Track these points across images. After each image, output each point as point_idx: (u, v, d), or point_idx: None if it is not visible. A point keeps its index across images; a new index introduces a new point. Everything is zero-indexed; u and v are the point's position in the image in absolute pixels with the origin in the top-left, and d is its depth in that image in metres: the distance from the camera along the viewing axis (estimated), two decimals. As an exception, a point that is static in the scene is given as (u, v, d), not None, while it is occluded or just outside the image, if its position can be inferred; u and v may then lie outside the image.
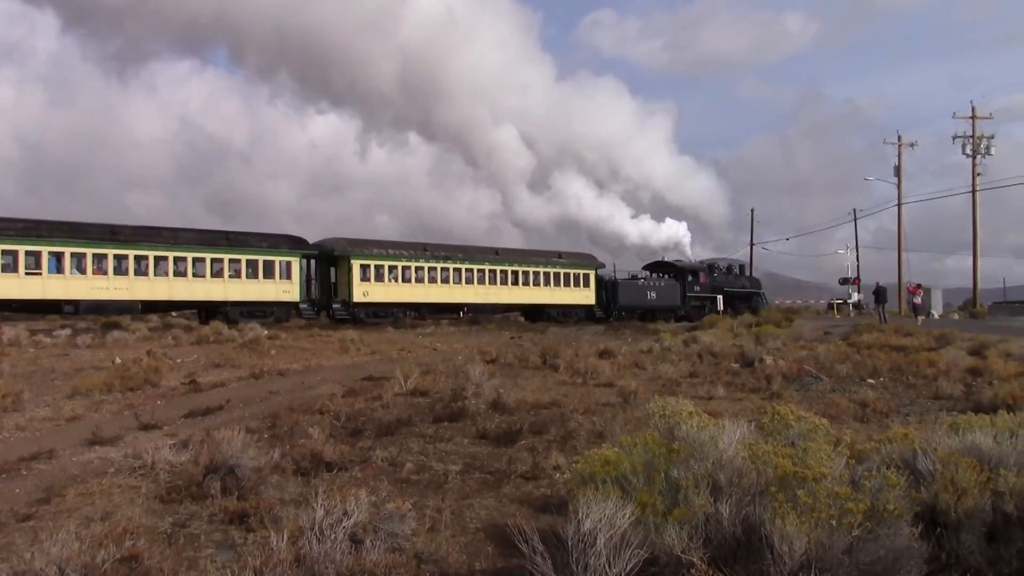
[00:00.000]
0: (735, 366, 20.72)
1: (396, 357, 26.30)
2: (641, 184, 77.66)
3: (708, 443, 6.56)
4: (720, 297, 60.17)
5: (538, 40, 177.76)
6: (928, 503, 6.04)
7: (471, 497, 8.54)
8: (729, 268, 65.15)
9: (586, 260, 56.70)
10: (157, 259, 39.21)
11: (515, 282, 51.81)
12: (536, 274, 52.77)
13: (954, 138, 60.62)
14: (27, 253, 35.54)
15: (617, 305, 54.91)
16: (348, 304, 44.84)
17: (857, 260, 73.89)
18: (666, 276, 59.11)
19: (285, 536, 5.96)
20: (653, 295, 56.59)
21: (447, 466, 9.84)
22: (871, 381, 17.66)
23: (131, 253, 38.34)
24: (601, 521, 5.40)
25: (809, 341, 28.57)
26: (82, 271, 36.95)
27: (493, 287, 50.61)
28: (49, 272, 36.05)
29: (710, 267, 62.42)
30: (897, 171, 65.19)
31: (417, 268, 47.51)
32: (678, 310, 56.57)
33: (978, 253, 59.81)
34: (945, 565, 5.84)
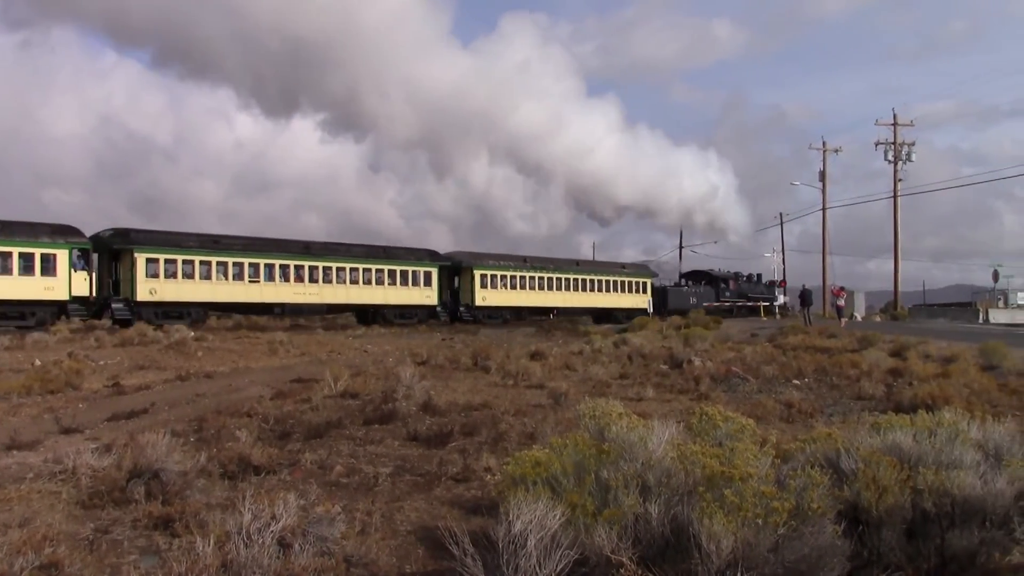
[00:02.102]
0: (664, 367, 20.94)
1: (326, 359, 26.07)
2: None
3: (637, 444, 6.61)
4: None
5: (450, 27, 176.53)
6: (851, 501, 6.17)
7: (401, 499, 8.50)
8: (749, 277, 74.60)
9: (644, 271, 67.15)
10: (338, 269, 47.58)
11: (591, 289, 60.84)
12: (606, 282, 62.11)
13: (876, 144, 62.28)
14: (250, 265, 43.79)
15: (667, 308, 62.30)
16: (471, 307, 53.46)
17: (783, 263, 75.73)
18: (703, 283, 69.64)
19: (211, 541, 5.85)
20: (694, 299, 65.75)
21: (377, 468, 9.78)
22: (796, 382, 18.00)
23: (320, 264, 46.73)
24: (532, 522, 5.41)
25: (736, 343, 29.01)
26: (287, 279, 45.32)
27: (575, 293, 59.69)
28: (265, 280, 44.47)
29: (736, 275, 72.37)
30: (822, 176, 66.75)
31: (520, 277, 56.49)
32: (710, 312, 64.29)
33: (899, 257, 61.49)
34: (867, 562, 5.97)
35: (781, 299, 70.61)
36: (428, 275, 51.88)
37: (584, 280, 60.61)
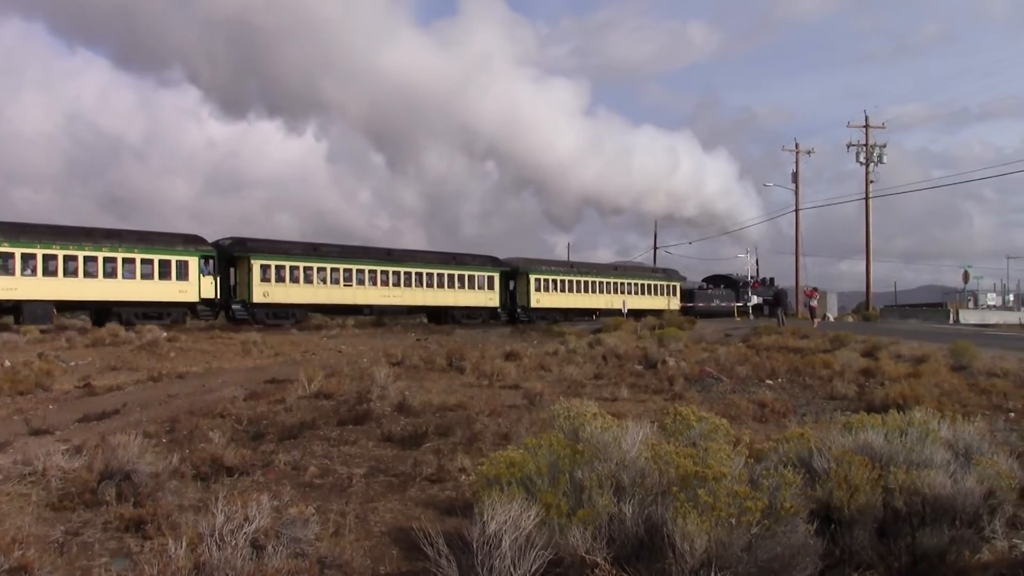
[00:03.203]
0: (639, 368, 21.00)
1: (300, 359, 25.95)
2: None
3: (612, 444, 6.63)
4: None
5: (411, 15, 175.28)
6: (823, 500, 6.22)
7: (376, 500, 8.48)
8: (764, 280, 78.59)
9: (675, 275, 72.76)
10: (416, 274, 52.39)
11: (628, 292, 65.63)
12: (641, 285, 67.55)
13: (848, 146, 62.66)
14: (344, 270, 48.94)
15: (695, 308, 68.07)
16: (526, 309, 58.06)
17: (757, 264, 76.33)
18: (722, 286, 74.30)
19: (184, 543, 5.81)
20: (717, 300, 71.29)
21: (351, 469, 9.75)
22: (769, 382, 18.11)
23: (401, 270, 51.61)
24: (506, 523, 5.41)
25: (710, 343, 29.14)
26: (374, 283, 50.18)
27: (614, 295, 64.31)
28: (356, 284, 49.36)
29: (755, 279, 76.70)
30: (795, 177, 67.04)
31: (568, 281, 61.78)
32: (733, 312, 68.68)
33: (871, 258, 61.95)
34: (839, 560, 6.02)
35: (755, 300, 71.29)
36: (491, 279, 57.07)
37: (623, 284, 66.07)
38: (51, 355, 25.62)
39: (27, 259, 38.08)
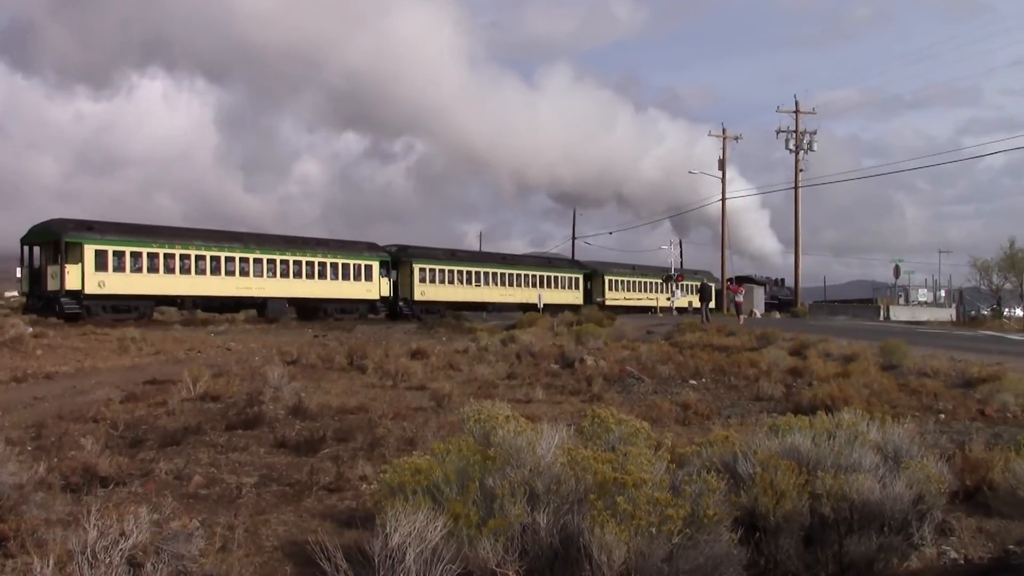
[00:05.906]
0: (555, 367, 21.16)
1: (184, 358, 25.48)
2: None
3: (525, 449, 6.66)
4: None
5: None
6: (748, 507, 6.35)
7: (268, 512, 8.38)
8: (777, 281, 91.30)
9: (711, 277, 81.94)
10: (523, 276, 67.77)
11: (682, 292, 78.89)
12: (686, 286, 77.73)
13: (778, 132, 64.18)
14: (474, 272, 63.41)
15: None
16: (602, 305, 67.28)
17: (681, 256, 78.09)
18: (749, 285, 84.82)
19: (51, 562, 5.66)
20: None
21: (241, 478, 9.62)
22: (693, 382, 18.41)
23: (513, 272, 67.21)
24: (411, 535, 5.40)
25: (631, 340, 29.48)
26: (495, 284, 64.76)
27: (664, 294, 75.67)
28: (483, 284, 63.64)
29: (767, 279, 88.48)
30: (722, 165, 68.30)
31: (632, 281, 78.19)
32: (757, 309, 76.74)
33: (799, 251, 63.49)
34: (764, 570, 6.16)
35: (678, 294, 72.67)
36: (576, 280, 73.12)
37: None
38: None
39: (270, 264, 51.12)
